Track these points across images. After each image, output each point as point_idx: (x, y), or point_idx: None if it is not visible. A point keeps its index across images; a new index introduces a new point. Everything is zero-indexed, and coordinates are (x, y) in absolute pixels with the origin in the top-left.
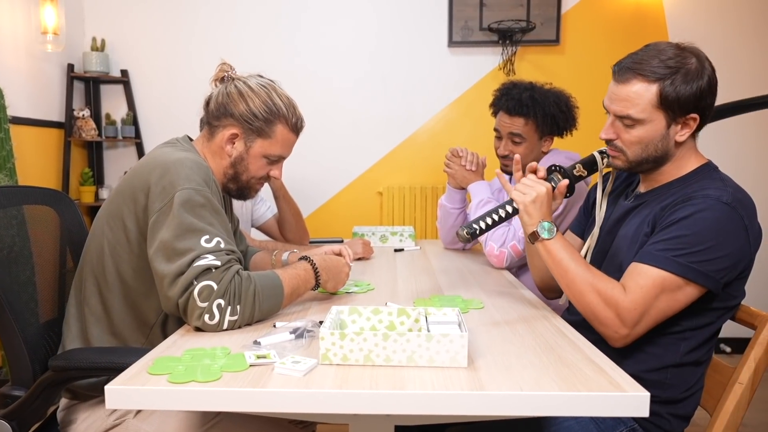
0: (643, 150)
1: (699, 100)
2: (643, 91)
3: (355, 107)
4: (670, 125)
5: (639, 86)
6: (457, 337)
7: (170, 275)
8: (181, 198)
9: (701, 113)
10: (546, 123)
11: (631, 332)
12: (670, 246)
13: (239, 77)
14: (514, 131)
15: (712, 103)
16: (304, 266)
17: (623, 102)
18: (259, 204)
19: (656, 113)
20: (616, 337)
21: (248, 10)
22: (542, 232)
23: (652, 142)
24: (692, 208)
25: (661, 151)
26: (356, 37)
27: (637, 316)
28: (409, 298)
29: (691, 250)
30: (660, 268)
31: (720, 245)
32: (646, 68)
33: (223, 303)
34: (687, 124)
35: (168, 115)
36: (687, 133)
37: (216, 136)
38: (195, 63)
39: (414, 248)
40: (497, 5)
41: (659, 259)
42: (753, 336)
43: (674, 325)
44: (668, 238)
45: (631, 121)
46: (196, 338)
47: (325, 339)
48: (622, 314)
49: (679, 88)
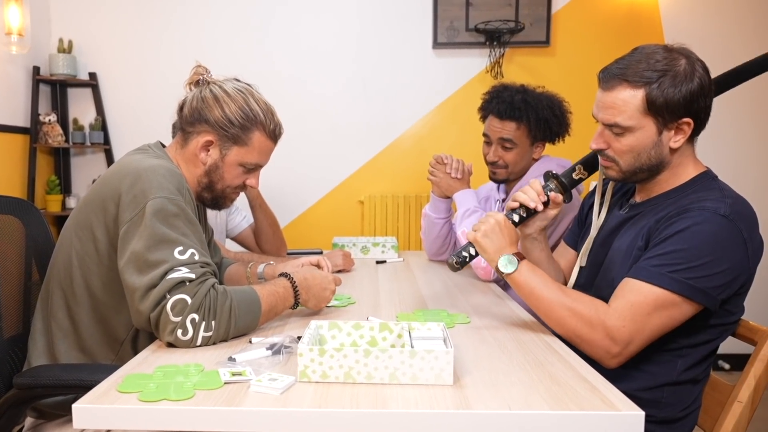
0: (636, 159)
1: (690, 103)
2: (629, 97)
3: (334, 112)
4: (662, 131)
5: (625, 93)
6: (442, 353)
7: (142, 288)
8: (153, 207)
9: (695, 117)
10: (539, 128)
11: (623, 350)
12: (665, 261)
13: (215, 81)
14: (505, 136)
15: (706, 105)
16: (283, 283)
17: (610, 110)
18: (234, 214)
19: (645, 119)
20: (608, 357)
21: (223, 10)
22: (502, 267)
23: (645, 150)
24: (688, 221)
25: (655, 159)
26: (336, 37)
27: (627, 334)
28: (391, 313)
29: (687, 265)
30: (654, 285)
31: (718, 260)
32: (631, 73)
33: (198, 318)
34: (681, 130)
35: (139, 121)
36: (681, 139)
37: (190, 143)
38: (167, 65)
39: (397, 260)
40: (484, 5)
41: (654, 275)
42: (753, 352)
43: (670, 342)
44: (663, 252)
45: (620, 129)
46: (169, 354)
47: (304, 355)
48: (611, 333)
49: (667, 91)
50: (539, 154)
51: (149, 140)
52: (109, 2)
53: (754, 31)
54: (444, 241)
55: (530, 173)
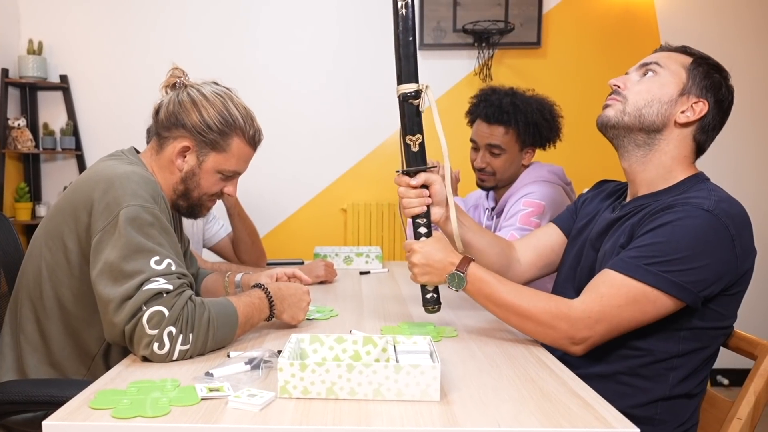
0: (646, 104)
1: (715, 90)
2: (679, 56)
3: (316, 116)
4: (683, 95)
5: (677, 54)
6: (428, 368)
7: (116, 299)
8: (127, 215)
9: (709, 108)
10: (528, 132)
11: (590, 336)
12: (642, 253)
13: (192, 84)
14: (493, 142)
15: (718, 120)
16: (258, 294)
17: (656, 58)
18: (211, 222)
19: (681, 73)
20: (570, 342)
21: (201, 10)
22: (454, 286)
23: (658, 98)
24: (671, 215)
25: (660, 118)
26: (317, 39)
27: (592, 323)
28: (375, 326)
29: (665, 258)
30: (629, 276)
31: (698, 255)
32: (689, 48)
33: (175, 331)
34: (694, 108)
35: (112, 125)
36: (690, 117)
37: (166, 149)
38: (142, 67)
39: (381, 271)
40: (473, 5)
41: (629, 267)
42: (752, 367)
43: (660, 352)
44: (642, 245)
45: (654, 69)
46: (143, 369)
47: (284, 370)
48: (575, 323)
49: (707, 68)
50: (529, 161)
51: (123, 146)
52: (82, 1)
53: (753, 31)
54: None
55: (520, 180)
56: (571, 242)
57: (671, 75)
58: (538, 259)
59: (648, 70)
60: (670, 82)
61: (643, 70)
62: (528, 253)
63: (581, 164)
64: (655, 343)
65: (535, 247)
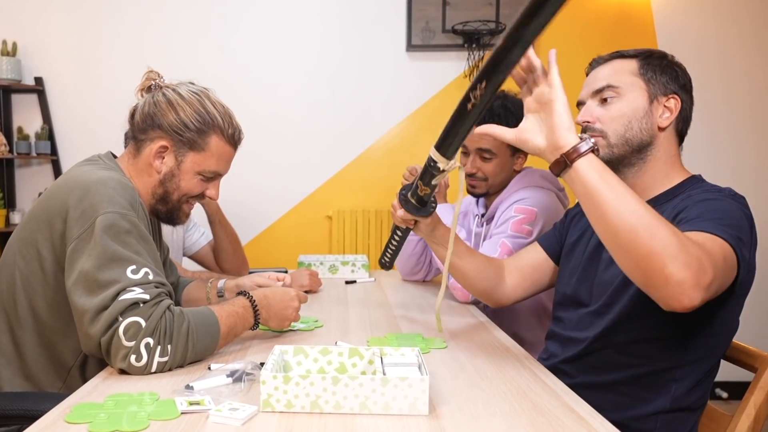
0: (627, 128)
1: (675, 78)
2: (624, 63)
3: (300, 120)
4: (652, 101)
5: (618, 62)
6: (416, 380)
7: (92, 310)
8: (103, 223)
9: (681, 100)
10: None
11: (711, 281)
12: (711, 217)
13: (168, 85)
14: (483, 146)
15: (690, 103)
16: (241, 302)
17: (601, 77)
18: (192, 230)
19: (637, 82)
20: (698, 276)
21: (179, 11)
22: (583, 146)
23: (635, 118)
24: (700, 196)
25: (646, 133)
26: (301, 39)
27: (712, 269)
28: (362, 337)
29: (730, 222)
30: (717, 236)
31: (744, 229)
32: (622, 51)
33: (153, 342)
34: (668, 108)
35: (89, 129)
36: (670, 118)
37: (143, 151)
38: (120, 70)
39: (368, 280)
40: (462, 4)
41: (713, 226)
42: (752, 380)
43: (660, 359)
44: (697, 215)
45: (611, 93)
46: (121, 382)
47: (267, 383)
48: (708, 254)
49: (658, 62)
50: (521, 166)
51: (100, 150)
52: (57, 1)
53: (752, 31)
54: (419, 259)
55: (512, 186)
56: (566, 258)
57: (631, 89)
58: (523, 280)
59: (605, 95)
60: (635, 96)
61: (598, 96)
62: (513, 275)
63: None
64: (659, 351)
65: (520, 268)
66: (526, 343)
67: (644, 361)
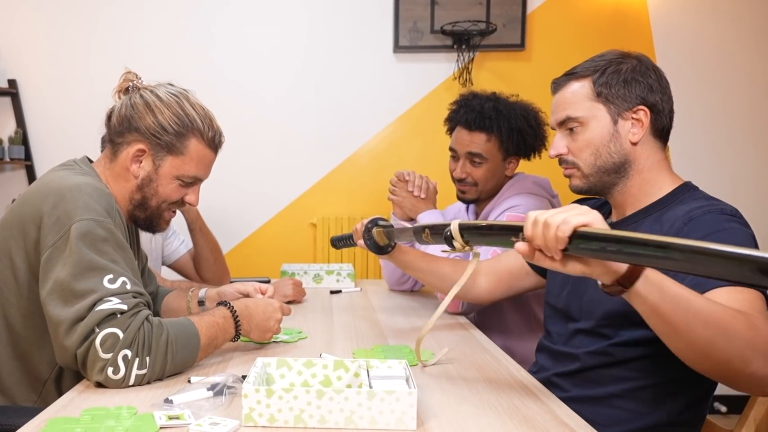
0: (596, 156)
1: (642, 91)
2: (578, 88)
3: (283, 124)
4: (617, 120)
5: (573, 86)
6: (404, 394)
7: (67, 321)
8: (78, 230)
9: (651, 108)
10: (511, 140)
11: None
12: None
13: (146, 87)
14: (474, 150)
15: (664, 100)
16: (222, 313)
17: (561, 106)
18: (171, 238)
19: (596, 107)
20: None
21: (158, 12)
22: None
23: (603, 143)
24: (706, 227)
25: (617, 155)
26: (285, 40)
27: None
28: (347, 349)
29: None
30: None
31: None
32: (579, 69)
33: (130, 354)
34: (637, 120)
35: (64, 133)
36: (640, 132)
37: (120, 155)
38: (97, 72)
39: (353, 290)
40: (451, 4)
41: None
42: None
43: (658, 373)
44: None
45: (574, 123)
46: (97, 396)
47: (249, 396)
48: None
49: (613, 77)
50: (512, 171)
51: (76, 155)
52: (32, 1)
53: (752, 32)
54: None
55: (503, 193)
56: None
57: (591, 116)
58: (499, 283)
59: (569, 126)
60: (598, 123)
61: (564, 127)
62: (489, 277)
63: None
64: (656, 365)
65: (497, 271)
66: (517, 355)
67: (641, 374)
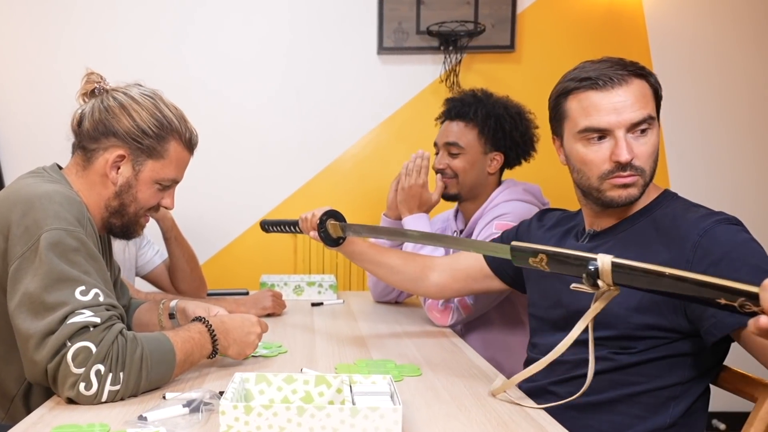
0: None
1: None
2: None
3: (262, 129)
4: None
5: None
6: (388, 410)
7: (37, 334)
8: (48, 240)
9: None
10: (487, 126)
11: None
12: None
13: (116, 88)
14: (450, 140)
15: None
16: (198, 328)
17: (637, 104)
18: (145, 248)
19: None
20: None
21: (130, 10)
22: None
23: None
24: (724, 237)
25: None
26: (264, 42)
27: None
28: (329, 364)
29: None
30: None
31: None
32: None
33: (104, 369)
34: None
35: (33, 139)
36: (497, 166)
37: (95, 162)
38: (66, 74)
39: (336, 302)
40: (438, 4)
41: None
42: (752, 410)
43: (659, 377)
44: (751, 269)
45: (645, 125)
46: (68, 412)
47: (227, 413)
48: None
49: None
50: (495, 168)
51: (45, 162)
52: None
53: (752, 33)
54: None
55: (492, 200)
56: (534, 282)
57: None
58: (453, 281)
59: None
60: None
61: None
62: (444, 274)
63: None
64: (657, 369)
65: (454, 270)
66: (506, 369)
67: (643, 378)
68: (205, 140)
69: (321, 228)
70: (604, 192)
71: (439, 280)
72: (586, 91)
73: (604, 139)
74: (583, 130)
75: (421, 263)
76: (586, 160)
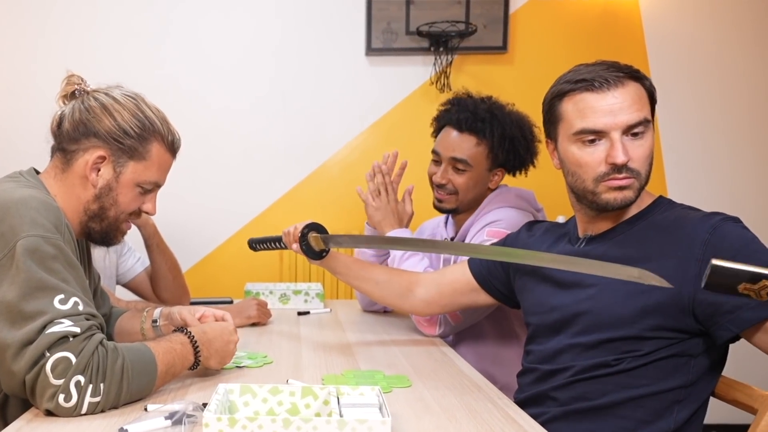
0: None
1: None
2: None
3: (247, 133)
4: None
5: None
6: (377, 423)
7: (15, 345)
8: (25, 247)
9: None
10: (502, 148)
11: None
12: None
13: (97, 89)
14: (458, 156)
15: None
16: (180, 339)
17: (633, 108)
18: (126, 255)
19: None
20: None
21: (110, 11)
22: None
23: None
24: (733, 234)
25: None
26: (249, 44)
27: None
28: (316, 375)
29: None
30: None
31: None
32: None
33: (84, 380)
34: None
35: (10, 143)
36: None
37: (74, 164)
38: (43, 77)
39: (323, 311)
40: (428, 3)
41: None
42: (753, 422)
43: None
44: None
45: (640, 128)
46: (47, 425)
47: (210, 426)
48: None
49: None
50: (496, 184)
51: (22, 166)
52: None
53: (752, 34)
54: None
55: (484, 206)
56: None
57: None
58: (440, 296)
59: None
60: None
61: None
62: (430, 289)
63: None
64: (661, 371)
65: (440, 285)
66: (498, 380)
67: (648, 381)
68: (187, 145)
69: (303, 241)
70: (599, 195)
71: (426, 295)
72: (582, 93)
73: (599, 141)
74: (578, 132)
75: (407, 278)
76: (581, 162)
